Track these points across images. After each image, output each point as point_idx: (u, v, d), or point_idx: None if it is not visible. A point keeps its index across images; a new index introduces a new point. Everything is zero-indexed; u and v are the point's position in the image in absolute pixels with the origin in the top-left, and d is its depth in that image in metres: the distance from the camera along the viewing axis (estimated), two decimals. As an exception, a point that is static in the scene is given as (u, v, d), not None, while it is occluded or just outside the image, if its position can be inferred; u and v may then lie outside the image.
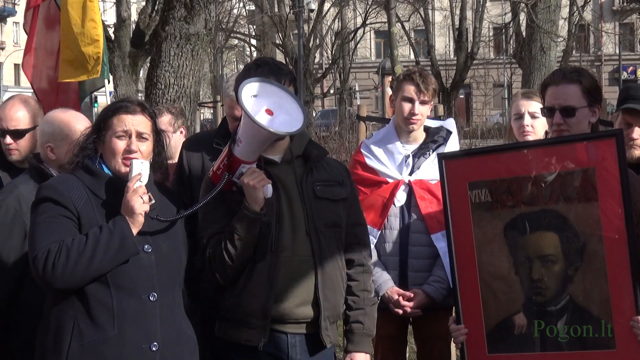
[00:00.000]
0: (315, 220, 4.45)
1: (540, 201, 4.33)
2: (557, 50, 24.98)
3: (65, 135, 4.88)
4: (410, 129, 5.53)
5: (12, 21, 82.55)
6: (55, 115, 5.06)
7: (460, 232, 4.52)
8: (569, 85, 4.58)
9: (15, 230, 4.72)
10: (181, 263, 4.34)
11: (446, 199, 4.57)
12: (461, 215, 4.51)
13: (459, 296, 4.54)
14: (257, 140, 4.23)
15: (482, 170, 4.49)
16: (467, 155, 4.78)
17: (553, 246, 4.30)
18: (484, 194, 4.45)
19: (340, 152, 21.03)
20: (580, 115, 4.56)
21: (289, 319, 4.41)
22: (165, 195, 4.44)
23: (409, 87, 5.51)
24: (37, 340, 4.20)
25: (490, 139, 29.42)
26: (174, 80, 10.38)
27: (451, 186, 4.57)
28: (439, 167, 4.60)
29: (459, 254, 4.53)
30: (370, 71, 61.55)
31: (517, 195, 4.37)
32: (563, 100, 4.56)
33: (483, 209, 4.45)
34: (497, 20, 49.35)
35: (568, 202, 4.27)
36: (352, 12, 53.11)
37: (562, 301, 4.29)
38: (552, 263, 4.30)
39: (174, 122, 7.05)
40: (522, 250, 4.36)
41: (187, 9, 10.35)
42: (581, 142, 4.33)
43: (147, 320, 4.11)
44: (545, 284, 4.32)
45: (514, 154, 4.52)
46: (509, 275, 4.39)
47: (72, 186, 4.19)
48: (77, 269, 3.98)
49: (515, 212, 4.38)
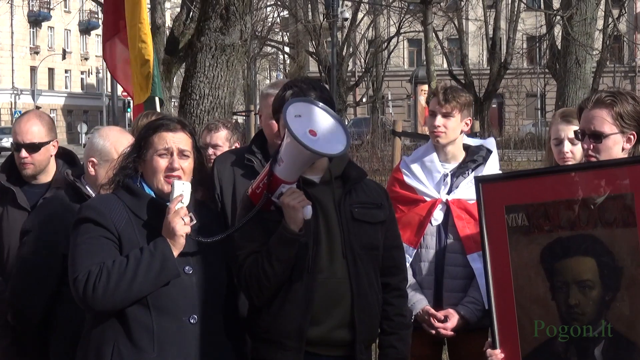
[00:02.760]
0: (352, 243, 4.41)
1: (578, 226, 4.27)
2: (592, 62, 24.85)
3: (112, 157, 4.80)
4: (436, 142, 5.51)
5: (46, 26, 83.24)
6: (109, 133, 5.05)
7: (497, 256, 4.47)
8: (600, 110, 4.52)
9: (49, 248, 4.72)
10: (223, 284, 4.31)
11: (482, 223, 4.52)
12: (498, 238, 4.46)
13: (495, 320, 4.49)
14: (299, 160, 4.20)
15: (519, 194, 4.43)
16: (504, 179, 4.73)
17: (591, 271, 4.24)
18: (520, 217, 4.39)
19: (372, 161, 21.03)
20: (610, 142, 4.51)
21: (325, 342, 4.37)
22: (207, 214, 4.42)
23: (433, 101, 5.53)
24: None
25: (523, 149, 29.39)
26: (209, 91, 10.40)
27: (488, 210, 4.51)
28: (475, 190, 4.55)
29: (496, 278, 4.48)
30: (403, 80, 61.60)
31: (555, 219, 4.31)
32: (592, 125, 4.52)
33: (520, 233, 4.39)
34: (531, 30, 49.19)
35: (606, 227, 4.21)
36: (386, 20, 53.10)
37: (599, 327, 4.23)
38: (590, 289, 4.23)
39: (230, 137, 7.05)
40: (559, 275, 4.30)
41: (222, 20, 10.36)
42: (621, 167, 4.27)
43: (187, 343, 4.09)
44: (582, 309, 4.26)
45: (552, 177, 4.46)
46: (545, 300, 4.34)
47: (112, 206, 4.17)
48: (118, 291, 3.97)
49: (552, 237, 4.32)
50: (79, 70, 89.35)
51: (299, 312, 4.31)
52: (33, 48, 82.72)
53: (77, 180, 4.90)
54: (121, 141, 4.89)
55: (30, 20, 79.64)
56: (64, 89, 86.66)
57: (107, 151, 4.89)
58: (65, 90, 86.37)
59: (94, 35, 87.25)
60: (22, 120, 5.61)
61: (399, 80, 63.81)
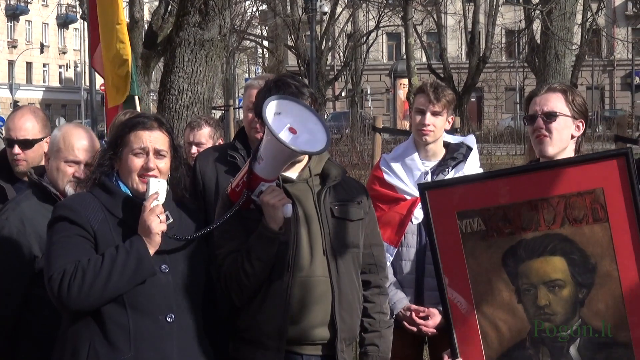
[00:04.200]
0: (333, 241, 4.38)
1: (543, 225, 4.23)
2: (571, 56, 24.90)
3: (60, 147, 4.77)
4: (423, 141, 5.47)
5: (24, 19, 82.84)
6: (62, 127, 5.00)
7: (451, 265, 4.38)
8: (553, 93, 4.60)
9: (19, 250, 4.64)
10: (200, 282, 4.27)
11: (432, 231, 4.39)
12: (451, 246, 4.35)
13: (454, 330, 4.39)
14: (279, 158, 4.17)
15: (472, 199, 4.32)
16: (452, 184, 4.60)
17: (560, 270, 4.20)
18: (476, 222, 4.30)
19: (351, 156, 21.00)
20: (562, 122, 4.54)
21: (305, 340, 4.35)
22: (185, 212, 4.38)
23: (420, 98, 5.48)
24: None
25: (502, 143, 29.42)
26: (188, 86, 10.38)
27: (437, 217, 4.40)
28: (421, 198, 4.43)
29: (451, 287, 4.39)
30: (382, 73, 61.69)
31: (516, 221, 4.25)
32: (546, 106, 4.56)
33: (476, 239, 4.30)
34: (510, 25, 49.31)
35: (574, 224, 4.18)
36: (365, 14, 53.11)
37: (574, 325, 4.20)
38: (560, 288, 4.19)
39: (214, 134, 7.02)
40: (524, 278, 4.23)
41: (201, 15, 10.33)
42: (588, 163, 4.25)
43: (164, 341, 4.05)
44: (553, 309, 4.22)
45: (507, 179, 4.38)
46: (511, 304, 4.28)
47: (88, 205, 4.13)
48: (93, 290, 3.93)
49: (514, 239, 4.25)
50: (57, 64, 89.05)
51: (279, 311, 4.28)
52: (11, 42, 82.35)
53: (42, 179, 4.83)
54: (72, 133, 4.84)
55: (8, 14, 79.10)
56: (42, 83, 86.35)
57: (57, 142, 4.81)
58: (43, 84, 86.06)
59: (72, 29, 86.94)
60: (16, 115, 5.56)
61: (378, 74, 63.83)
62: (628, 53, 63.14)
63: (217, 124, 7.20)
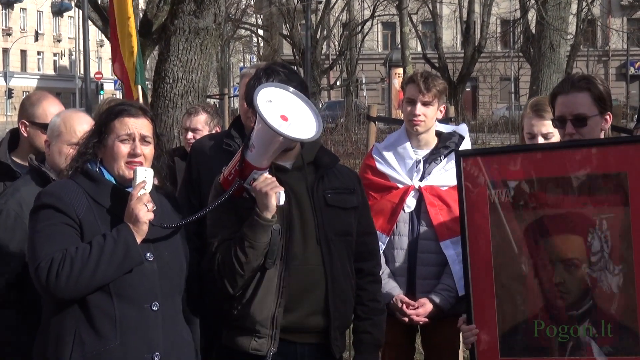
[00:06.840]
0: (326, 229, 4.39)
1: (567, 204, 4.24)
2: (566, 46, 24.90)
3: (61, 131, 4.77)
4: (415, 131, 5.47)
5: (19, 7, 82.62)
6: (62, 113, 4.99)
7: (477, 232, 4.42)
8: (579, 93, 4.54)
9: (17, 234, 4.65)
10: (182, 270, 4.26)
11: (462, 198, 4.45)
12: (478, 214, 4.40)
13: (472, 297, 4.44)
14: (271, 146, 4.17)
15: (505, 170, 4.37)
16: (487, 154, 4.65)
17: (578, 250, 4.21)
18: (504, 193, 4.34)
19: (346, 145, 21.00)
20: (592, 124, 4.52)
21: (299, 329, 4.36)
22: (165, 200, 4.36)
23: (411, 89, 5.48)
24: (35, 349, 4.13)
25: (497, 133, 29.44)
26: (182, 75, 10.39)
27: (468, 185, 4.46)
28: (456, 164, 4.48)
29: (474, 255, 4.43)
30: (377, 63, 61.63)
31: (542, 196, 4.27)
32: (574, 109, 4.52)
33: (503, 209, 4.35)
34: (506, 14, 49.28)
35: (596, 205, 4.18)
36: (360, 3, 53.03)
37: (585, 306, 4.21)
38: (576, 267, 4.20)
39: (210, 121, 7.03)
40: (544, 253, 4.26)
41: (196, 3, 10.35)
42: (614, 146, 4.25)
43: (149, 329, 4.05)
44: (567, 287, 4.23)
45: (542, 154, 4.41)
46: (528, 278, 4.30)
47: (72, 192, 4.08)
48: (81, 279, 3.90)
49: (538, 214, 4.28)
50: (52, 52, 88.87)
51: (272, 299, 4.28)
52: (5, 30, 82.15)
53: (42, 165, 4.84)
54: (73, 117, 4.83)
55: (2, 2, 79.03)
56: (37, 71, 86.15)
57: (57, 126, 4.79)
58: (37, 72, 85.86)
59: (66, 17, 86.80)
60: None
61: (373, 63, 63.80)
62: (623, 43, 63.16)
63: (215, 111, 7.22)
